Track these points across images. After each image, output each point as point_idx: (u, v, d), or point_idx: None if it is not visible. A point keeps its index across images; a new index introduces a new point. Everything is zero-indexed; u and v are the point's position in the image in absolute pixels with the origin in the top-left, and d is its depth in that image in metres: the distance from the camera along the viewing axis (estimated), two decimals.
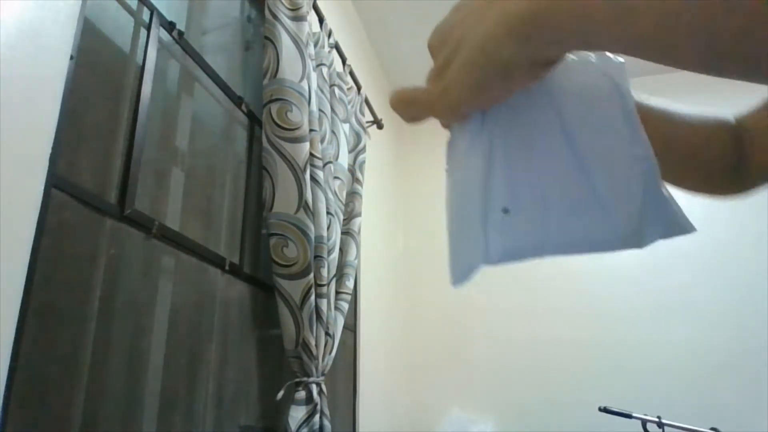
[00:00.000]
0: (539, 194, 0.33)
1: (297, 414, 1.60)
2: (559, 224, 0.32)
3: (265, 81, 1.74)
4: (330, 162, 1.98)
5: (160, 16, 1.42)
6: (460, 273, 0.34)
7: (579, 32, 0.27)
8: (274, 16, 1.79)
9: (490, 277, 3.37)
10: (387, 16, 3.12)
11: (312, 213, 1.72)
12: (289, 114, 1.71)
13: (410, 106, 0.35)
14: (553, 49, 0.29)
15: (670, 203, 0.30)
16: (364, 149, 2.43)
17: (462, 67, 0.31)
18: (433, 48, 0.34)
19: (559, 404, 3.02)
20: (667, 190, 0.31)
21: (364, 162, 2.40)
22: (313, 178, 1.78)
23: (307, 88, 1.80)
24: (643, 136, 0.31)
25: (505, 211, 0.33)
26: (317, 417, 1.65)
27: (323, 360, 1.75)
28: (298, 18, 1.87)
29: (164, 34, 1.45)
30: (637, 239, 0.31)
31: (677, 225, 0.31)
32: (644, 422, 2.12)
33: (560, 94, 0.33)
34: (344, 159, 2.17)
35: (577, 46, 0.28)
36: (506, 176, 0.33)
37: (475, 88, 0.31)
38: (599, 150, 0.32)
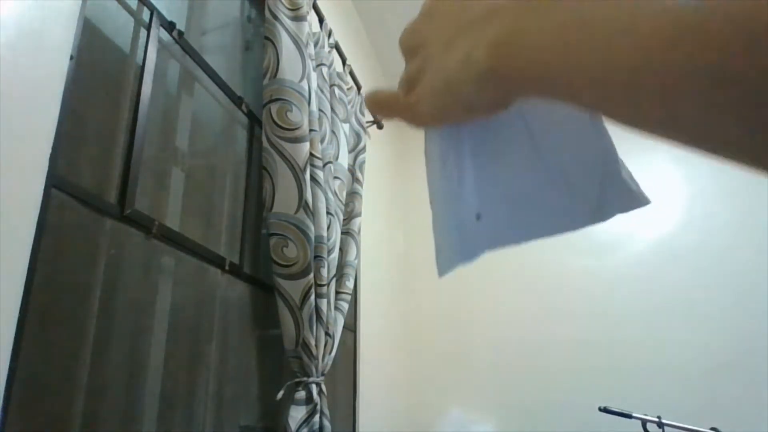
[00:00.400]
0: (508, 192, 0.36)
1: (297, 414, 1.60)
2: (529, 214, 0.36)
3: (265, 81, 1.75)
4: (330, 162, 1.98)
5: (160, 16, 1.42)
6: (444, 268, 0.38)
7: (538, 88, 0.27)
8: (274, 16, 1.79)
9: (490, 277, 3.37)
10: (387, 16, 3.12)
11: (312, 213, 1.72)
12: (289, 114, 1.71)
13: (384, 109, 0.36)
14: (513, 96, 0.30)
15: (627, 182, 0.34)
16: (364, 149, 2.43)
17: (428, 92, 0.32)
18: (404, 50, 0.35)
19: (559, 404, 3.02)
20: (625, 169, 0.34)
21: (364, 162, 2.40)
22: (313, 178, 1.78)
23: (307, 88, 1.80)
24: (601, 123, 0.34)
25: (478, 217, 0.36)
26: (317, 417, 1.65)
27: (323, 360, 1.75)
28: (298, 18, 1.87)
29: (164, 34, 1.45)
30: (599, 215, 0.35)
31: (634, 200, 0.34)
32: (644, 422, 2.12)
33: None
34: (344, 159, 2.17)
35: (537, 97, 0.28)
36: (476, 181, 0.36)
37: (441, 114, 0.33)
38: (561, 141, 0.35)
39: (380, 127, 2.86)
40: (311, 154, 1.78)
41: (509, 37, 0.27)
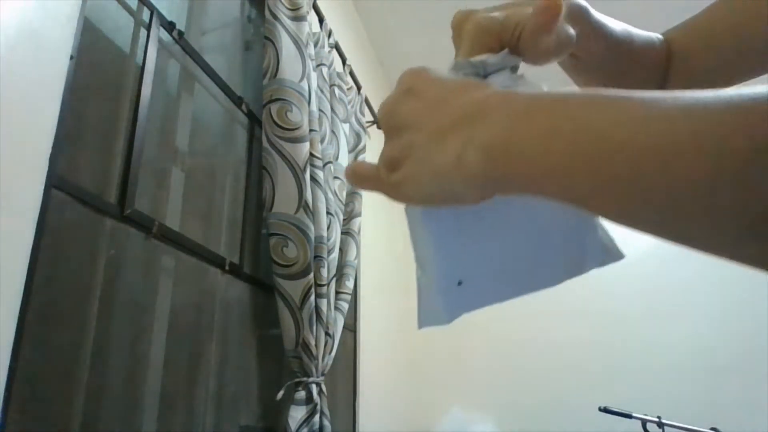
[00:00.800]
0: (490, 257, 0.37)
1: (297, 414, 1.60)
2: (509, 276, 0.38)
3: (265, 81, 1.75)
4: (330, 162, 1.99)
5: (160, 16, 1.42)
6: (424, 323, 0.39)
7: (526, 190, 0.28)
8: (274, 16, 1.79)
9: None
10: (387, 16, 3.12)
11: (312, 213, 1.72)
12: (289, 114, 1.71)
13: (366, 183, 0.36)
14: (501, 194, 0.30)
15: (603, 240, 0.36)
16: (364, 149, 2.43)
17: (414, 179, 0.32)
18: (385, 126, 0.34)
19: (559, 404, 3.02)
20: (602, 228, 0.36)
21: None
22: (313, 178, 1.78)
23: (307, 88, 1.80)
24: None
25: (460, 283, 0.37)
26: (317, 417, 1.65)
27: (323, 360, 1.75)
28: (298, 18, 1.87)
29: (164, 34, 1.45)
30: (577, 270, 0.37)
31: (609, 255, 0.37)
32: (644, 422, 2.12)
33: None
34: (344, 159, 2.17)
35: (524, 194, 0.29)
36: (458, 248, 0.36)
37: (426, 200, 0.33)
38: (540, 206, 0.36)
39: (380, 126, 2.86)
40: (311, 154, 1.78)
41: (501, 142, 0.27)
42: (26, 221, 0.95)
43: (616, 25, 0.47)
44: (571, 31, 0.39)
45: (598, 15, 0.45)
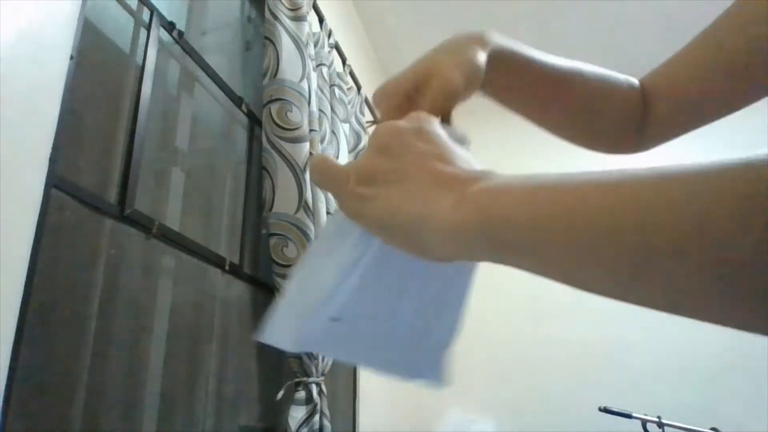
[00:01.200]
0: (373, 319, 0.37)
1: (297, 414, 1.60)
2: (373, 348, 0.39)
3: (265, 81, 1.75)
4: None
5: (160, 16, 1.42)
6: (269, 338, 0.38)
7: (509, 253, 0.29)
8: (274, 16, 1.79)
9: (489, 276, 3.37)
10: (387, 16, 3.12)
11: (312, 213, 1.72)
12: (289, 114, 1.71)
13: (326, 177, 0.35)
14: (467, 258, 0.31)
15: (444, 363, 0.40)
16: (364, 149, 2.43)
17: (388, 205, 0.32)
18: (381, 141, 0.34)
19: (559, 404, 3.02)
20: (448, 353, 0.40)
21: None
22: None
23: (307, 88, 1.80)
24: (462, 316, 0.39)
25: (335, 319, 0.36)
26: (317, 417, 1.65)
27: (323, 360, 1.75)
28: (298, 18, 1.87)
29: (164, 34, 1.45)
30: (414, 375, 0.40)
31: (440, 378, 0.41)
32: (644, 422, 2.12)
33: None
34: (344, 159, 2.17)
35: (500, 259, 0.30)
36: (355, 289, 0.35)
37: (384, 230, 0.32)
38: (428, 313, 0.39)
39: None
40: (311, 154, 1.78)
41: (494, 205, 0.28)
42: (26, 221, 0.95)
43: (556, 60, 0.49)
44: (476, 64, 0.41)
45: (516, 47, 0.47)
